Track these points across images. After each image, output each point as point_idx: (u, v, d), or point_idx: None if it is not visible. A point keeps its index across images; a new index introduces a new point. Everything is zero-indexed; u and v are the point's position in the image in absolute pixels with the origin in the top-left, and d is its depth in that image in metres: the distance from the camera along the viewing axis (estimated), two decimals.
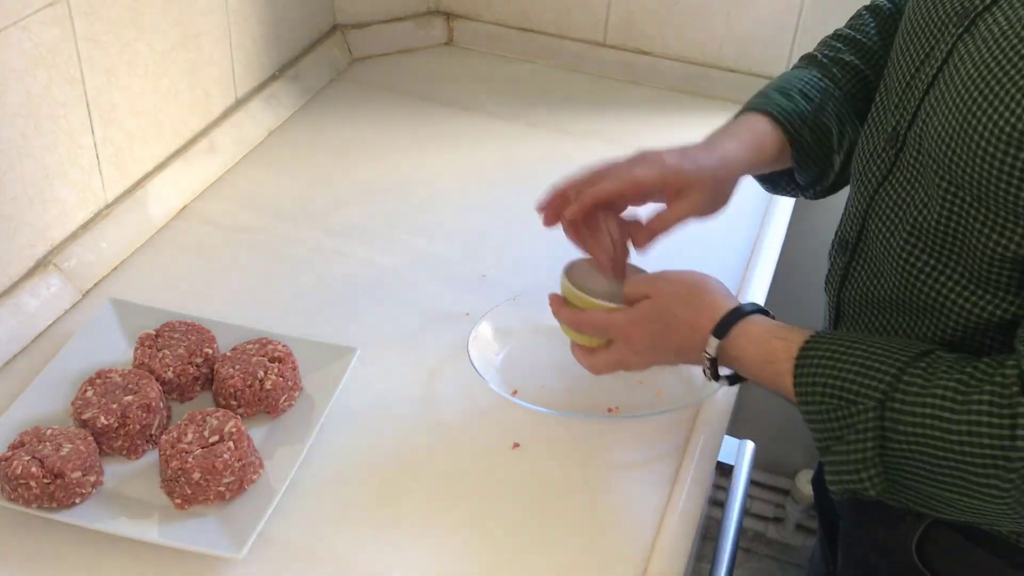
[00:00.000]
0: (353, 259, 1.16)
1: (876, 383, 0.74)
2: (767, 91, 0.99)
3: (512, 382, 0.98)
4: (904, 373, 0.73)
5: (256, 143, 1.36)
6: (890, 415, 0.73)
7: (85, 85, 1.06)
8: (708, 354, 0.83)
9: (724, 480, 1.14)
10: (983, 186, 0.72)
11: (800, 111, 0.96)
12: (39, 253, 1.05)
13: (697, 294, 0.85)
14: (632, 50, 1.57)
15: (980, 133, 0.71)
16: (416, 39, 1.63)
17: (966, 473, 0.70)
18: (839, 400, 0.75)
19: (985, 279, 0.76)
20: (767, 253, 1.20)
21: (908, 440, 0.72)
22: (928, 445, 0.71)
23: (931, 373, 0.72)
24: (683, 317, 0.85)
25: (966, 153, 0.72)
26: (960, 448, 0.70)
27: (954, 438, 0.70)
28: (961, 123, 0.73)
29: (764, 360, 0.81)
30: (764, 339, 0.81)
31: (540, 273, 1.12)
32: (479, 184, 1.32)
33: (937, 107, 0.77)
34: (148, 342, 0.95)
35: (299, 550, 0.83)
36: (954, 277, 0.78)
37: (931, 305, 0.80)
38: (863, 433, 0.74)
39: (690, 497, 0.89)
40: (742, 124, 0.96)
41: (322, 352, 0.97)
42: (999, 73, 0.70)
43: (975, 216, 0.74)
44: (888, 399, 0.73)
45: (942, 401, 0.71)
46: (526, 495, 0.89)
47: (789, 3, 1.45)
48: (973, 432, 0.69)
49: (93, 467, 0.83)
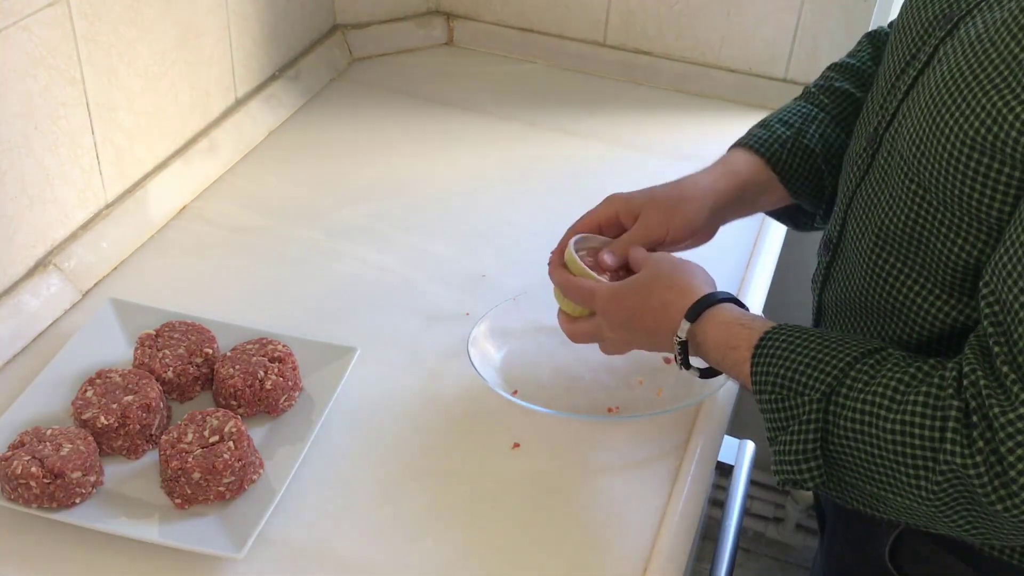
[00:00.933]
0: (353, 259, 1.16)
1: (824, 376, 0.74)
2: (750, 130, 1.02)
3: (512, 382, 0.98)
4: (852, 368, 0.74)
5: (256, 143, 1.36)
6: (833, 409, 0.74)
7: (85, 85, 1.06)
8: (679, 337, 0.84)
9: (724, 480, 1.14)
10: (948, 190, 0.72)
11: (777, 137, 0.98)
12: (39, 253, 1.05)
13: (678, 279, 0.87)
14: (632, 50, 1.57)
15: (947, 136, 0.71)
16: (416, 39, 1.63)
17: (897, 472, 0.70)
18: (787, 391, 0.76)
19: (950, 284, 0.76)
20: (767, 253, 1.20)
21: (847, 435, 0.73)
22: (864, 442, 0.72)
23: (876, 370, 0.73)
24: (660, 297, 0.86)
25: (933, 156, 0.73)
26: (893, 447, 0.70)
27: (887, 436, 0.70)
28: (930, 125, 0.73)
29: (727, 346, 0.82)
30: (729, 325, 0.82)
31: (540, 273, 1.12)
32: (479, 184, 1.32)
33: (912, 109, 0.77)
34: (148, 342, 0.95)
35: (299, 550, 0.83)
36: (920, 281, 0.79)
37: (898, 309, 0.81)
38: (806, 424, 0.75)
39: (690, 497, 0.89)
40: (718, 160, 1.00)
41: (322, 352, 0.97)
42: (969, 77, 0.71)
43: (940, 220, 0.75)
44: (833, 392, 0.74)
45: (880, 399, 0.71)
46: (526, 495, 0.89)
47: (789, 3, 1.45)
48: (906, 432, 0.69)
49: (93, 467, 0.83)
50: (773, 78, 1.51)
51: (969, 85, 0.71)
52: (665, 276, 0.87)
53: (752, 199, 0.98)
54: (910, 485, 0.70)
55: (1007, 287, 0.67)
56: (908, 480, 0.70)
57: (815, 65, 1.47)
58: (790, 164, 0.97)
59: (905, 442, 0.69)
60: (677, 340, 0.84)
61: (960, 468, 0.66)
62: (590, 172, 1.35)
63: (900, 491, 0.71)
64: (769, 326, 0.81)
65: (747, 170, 0.98)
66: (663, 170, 1.36)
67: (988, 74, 0.69)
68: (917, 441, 0.69)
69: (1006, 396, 0.65)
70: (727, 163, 0.99)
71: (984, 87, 0.69)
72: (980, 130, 0.69)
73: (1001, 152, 0.68)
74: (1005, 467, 0.65)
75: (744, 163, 0.98)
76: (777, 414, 0.78)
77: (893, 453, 0.70)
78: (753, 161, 0.98)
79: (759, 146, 0.98)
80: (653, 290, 0.87)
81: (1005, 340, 0.67)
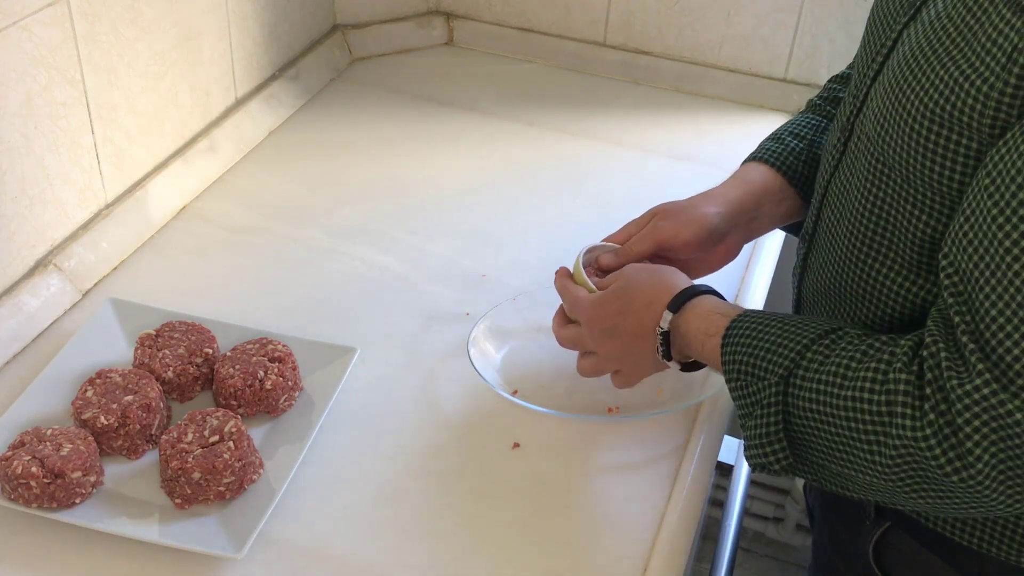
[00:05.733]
0: (353, 259, 1.16)
1: (781, 359, 0.76)
2: (761, 143, 1.03)
3: (512, 382, 0.98)
4: (808, 350, 0.75)
5: (256, 143, 1.36)
6: (792, 391, 0.75)
7: (85, 85, 1.06)
8: (661, 328, 0.85)
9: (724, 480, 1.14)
10: (910, 165, 0.73)
11: (790, 149, 0.99)
12: (39, 253, 1.05)
13: (659, 279, 0.88)
14: (632, 50, 1.57)
15: (908, 111, 0.72)
16: (416, 39, 1.63)
17: (854, 448, 0.72)
18: (750, 376, 0.78)
19: (916, 263, 0.77)
20: (767, 253, 1.20)
21: (805, 415, 0.74)
22: (821, 420, 0.73)
23: (831, 349, 0.74)
24: (644, 296, 0.87)
25: (895, 132, 0.74)
26: (847, 423, 0.71)
27: (840, 413, 0.72)
28: (892, 103, 0.74)
29: (705, 333, 0.83)
30: (708, 314, 0.84)
31: (540, 273, 1.13)
32: (479, 184, 1.32)
33: (877, 92, 0.78)
34: (148, 342, 0.95)
35: (299, 550, 0.83)
36: (887, 263, 0.79)
37: (869, 291, 0.82)
38: (767, 408, 0.76)
39: (690, 497, 0.89)
40: (732, 174, 1.01)
41: (322, 352, 0.97)
42: (928, 52, 0.72)
43: (903, 197, 0.75)
44: (791, 375, 0.75)
45: (832, 377, 0.72)
46: (526, 495, 0.89)
47: (789, 3, 1.45)
48: (857, 408, 0.71)
49: (93, 467, 0.83)
50: (773, 78, 1.51)
51: (928, 60, 0.71)
52: (645, 279, 0.89)
53: (771, 210, 0.98)
54: (867, 461, 0.71)
55: (966, 256, 0.67)
56: (864, 456, 0.71)
57: (815, 65, 1.47)
58: (806, 175, 0.98)
59: (857, 417, 0.71)
60: (659, 331, 0.85)
61: (911, 441, 0.67)
62: (590, 172, 1.35)
63: (859, 467, 0.72)
64: (739, 312, 0.82)
65: (760, 180, 0.98)
66: (663, 170, 1.37)
67: (946, 47, 0.70)
68: (867, 417, 0.70)
69: (965, 368, 0.66)
70: (739, 175, 1.00)
71: (942, 59, 0.70)
72: (940, 101, 0.69)
73: (959, 123, 0.68)
74: (961, 438, 0.65)
75: (757, 174, 0.99)
76: (744, 400, 0.79)
77: (848, 429, 0.71)
78: (767, 173, 0.98)
79: (773, 159, 0.99)
80: (636, 293, 0.88)
81: (967, 309, 0.67)
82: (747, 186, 0.98)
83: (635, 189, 1.31)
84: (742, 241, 0.99)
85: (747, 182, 0.98)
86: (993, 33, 0.67)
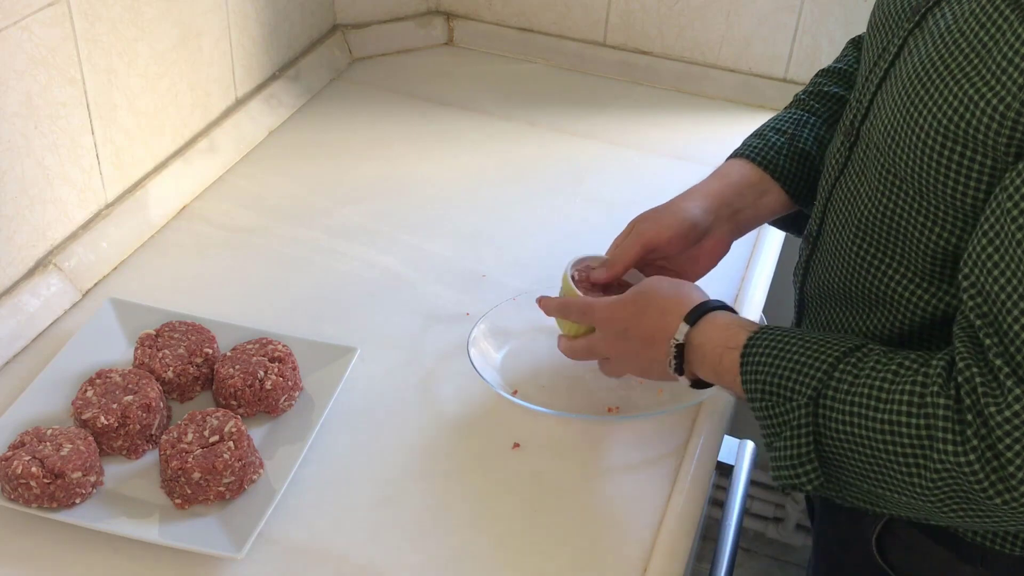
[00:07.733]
0: (353, 259, 1.16)
1: (809, 379, 0.75)
2: (744, 140, 1.03)
3: (512, 382, 0.99)
4: (835, 369, 0.74)
5: (256, 143, 1.36)
6: (822, 412, 0.74)
7: (85, 85, 1.06)
8: (676, 340, 0.84)
9: (724, 480, 1.14)
10: (923, 179, 0.73)
11: (771, 144, 0.99)
12: (39, 253, 1.05)
13: (676, 290, 0.88)
14: (632, 50, 1.57)
15: (920, 126, 0.72)
16: (416, 39, 1.63)
17: (891, 470, 0.71)
18: (777, 397, 0.77)
19: (929, 272, 0.77)
20: (766, 253, 1.20)
21: (839, 436, 0.74)
22: (856, 442, 0.72)
23: (860, 368, 0.74)
24: (659, 305, 0.87)
25: (907, 146, 0.74)
26: (884, 446, 0.71)
27: (877, 436, 0.71)
28: (903, 116, 0.74)
29: (724, 346, 0.82)
30: (728, 325, 0.83)
31: (540, 273, 1.13)
32: (479, 184, 1.32)
33: (885, 101, 0.78)
34: (148, 342, 0.95)
35: (299, 550, 0.83)
36: (899, 270, 0.79)
37: (880, 298, 0.82)
38: (797, 429, 0.75)
39: (690, 497, 0.89)
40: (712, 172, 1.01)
41: (322, 352, 0.97)
42: (940, 67, 0.72)
43: (916, 209, 0.75)
44: (820, 395, 0.74)
45: (866, 399, 0.72)
46: (526, 495, 0.89)
47: (789, 3, 1.45)
48: (895, 430, 0.70)
49: (93, 467, 0.83)
50: (773, 78, 1.51)
51: (940, 75, 0.71)
52: (665, 287, 0.88)
53: (753, 202, 0.98)
54: (905, 482, 0.71)
55: (991, 279, 0.67)
56: (903, 477, 0.71)
57: (815, 65, 1.47)
58: (788, 169, 0.98)
59: (895, 440, 0.70)
60: (674, 343, 0.84)
61: (954, 465, 0.67)
62: (590, 172, 1.35)
63: (897, 488, 0.72)
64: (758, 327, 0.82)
65: (738, 173, 0.98)
66: (663, 170, 1.37)
67: (959, 63, 0.70)
68: (907, 439, 0.70)
69: (1001, 392, 0.66)
70: (717, 171, 1.00)
71: (955, 76, 0.70)
72: (953, 118, 0.69)
73: (973, 139, 0.68)
74: (1003, 462, 0.65)
75: (735, 168, 0.99)
76: (770, 420, 0.78)
77: (885, 452, 0.71)
78: (745, 166, 0.99)
79: (752, 153, 0.99)
80: (653, 300, 0.87)
81: (995, 331, 0.67)
82: (725, 179, 0.98)
83: (635, 189, 1.31)
84: (729, 237, 0.98)
85: (725, 176, 0.99)
86: (1009, 52, 0.67)
